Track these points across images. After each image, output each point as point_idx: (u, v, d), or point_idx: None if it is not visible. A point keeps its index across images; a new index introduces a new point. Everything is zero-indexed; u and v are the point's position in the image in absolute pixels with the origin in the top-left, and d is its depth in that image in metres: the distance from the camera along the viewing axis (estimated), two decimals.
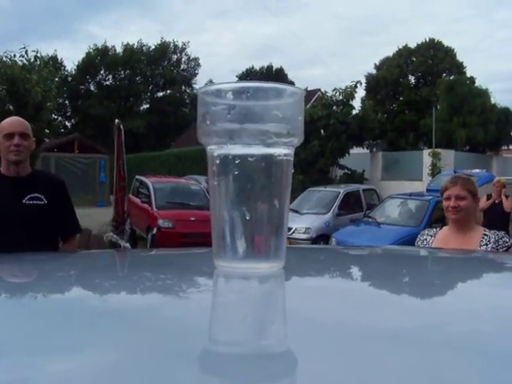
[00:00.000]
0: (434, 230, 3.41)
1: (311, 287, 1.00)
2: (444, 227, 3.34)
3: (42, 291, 0.97)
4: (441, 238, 3.22)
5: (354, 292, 0.97)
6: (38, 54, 17.16)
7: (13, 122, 3.16)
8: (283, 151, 0.93)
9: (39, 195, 3.09)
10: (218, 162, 0.93)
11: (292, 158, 0.96)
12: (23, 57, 16.57)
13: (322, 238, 12.42)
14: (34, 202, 3.07)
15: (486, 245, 3.04)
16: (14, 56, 16.36)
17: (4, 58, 16.22)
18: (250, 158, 0.90)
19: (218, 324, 0.75)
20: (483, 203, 9.08)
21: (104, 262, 1.43)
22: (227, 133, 0.89)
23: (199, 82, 52.13)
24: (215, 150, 0.93)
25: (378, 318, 0.76)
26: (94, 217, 15.56)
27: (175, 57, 51.97)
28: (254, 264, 0.92)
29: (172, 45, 51.33)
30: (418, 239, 3.41)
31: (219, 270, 0.96)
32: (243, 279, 0.94)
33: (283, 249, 0.95)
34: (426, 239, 3.31)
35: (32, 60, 16.80)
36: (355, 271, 1.28)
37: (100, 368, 0.55)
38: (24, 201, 3.04)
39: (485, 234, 3.13)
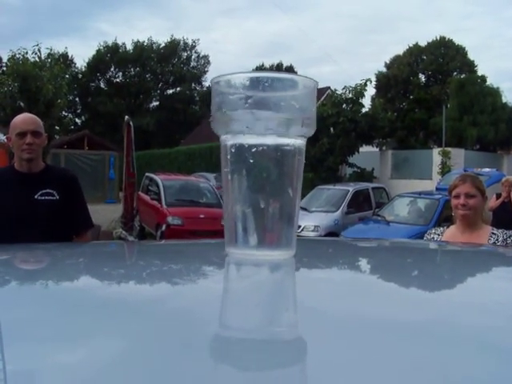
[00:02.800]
0: (442, 228, 3.40)
1: (321, 275, 1.02)
2: (451, 226, 3.33)
3: (52, 280, 0.98)
4: (448, 236, 3.21)
5: (361, 282, 0.98)
6: (51, 52, 17.25)
7: (25, 119, 3.16)
8: (296, 141, 0.94)
9: (51, 191, 3.09)
10: (231, 151, 0.94)
11: (304, 148, 0.97)
12: (36, 54, 16.65)
13: (331, 236, 12.40)
14: (46, 197, 3.07)
15: (494, 243, 3.03)
16: (27, 53, 16.44)
17: (17, 55, 16.31)
18: (263, 148, 0.91)
19: (229, 310, 0.76)
20: (493, 203, 9.03)
21: (115, 251, 1.45)
22: (241, 122, 0.90)
23: (209, 80, 51.96)
24: (229, 139, 0.94)
25: (386, 309, 0.77)
26: (103, 213, 15.61)
27: (185, 54, 51.91)
28: (266, 251, 0.94)
29: (182, 42, 51.33)
30: (424, 238, 3.41)
31: (231, 257, 0.97)
32: (255, 266, 0.96)
33: (294, 237, 0.97)
34: (433, 238, 3.30)
35: (44, 57, 16.88)
36: (363, 262, 1.30)
37: (122, 354, 0.57)
38: (36, 196, 3.05)
39: (493, 233, 3.11)
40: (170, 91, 51.66)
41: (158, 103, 50.97)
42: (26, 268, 1.15)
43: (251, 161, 0.91)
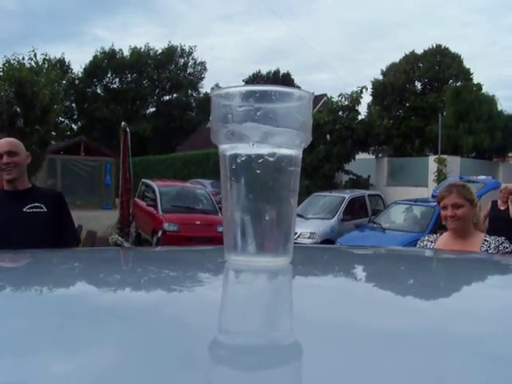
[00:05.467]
0: (435, 235, 3.41)
1: (318, 282, 1.05)
2: (444, 233, 3.34)
3: (46, 287, 0.98)
4: (441, 243, 3.22)
5: (356, 289, 1.00)
6: (47, 57, 17.24)
7: (1, 142, 3.35)
8: (293, 151, 0.97)
9: (39, 204, 3.23)
10: (230, 161, 0.97)
11: (301, 158, 1.00)
12: (32, 59, 16.64)
13: (327, 243, 12.39)
14: (35, 210, 3.20)
15: (487, 250, 3.04)
16: (23, 59, 16.43)
17: (12, 61, 16.29)
18: (260, 158, 0.94)
19: (229, 316, 0.78)
20: (485, 211, 9.02)
21: (111, 257, 1.46)
22: (239, 133, 0.93)
23: (206, 86, 52.17)
24: (227, 149, 0.97)
25: (381, 316, 0.78)
26: (99, 219, 15.60)
27: (182, 61, 52.03)
28: (264, 258, 0.97)
29: (179, 49, 51.42)
30: (418, 245, 3.43)
31: (230, 263, 1.00)
32: (254, 273, 0.99)
33: (291, 244, 1.00)
34: (426, 245, 3.31)
35: (40, 63, 16.88)
36: (358, 269, 1.31)
37: (120, 363, 0.57)
38: (25, 209, 3.18)
39: (485, 240, 3.12)
40: (167, 97, 51.73)
41: (154, 109, 51.02)
42: (20, 275, 1.13)
43: (249, 170, 0.94)
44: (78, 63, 76.86)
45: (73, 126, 49.38)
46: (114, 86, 50.61)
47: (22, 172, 3.32)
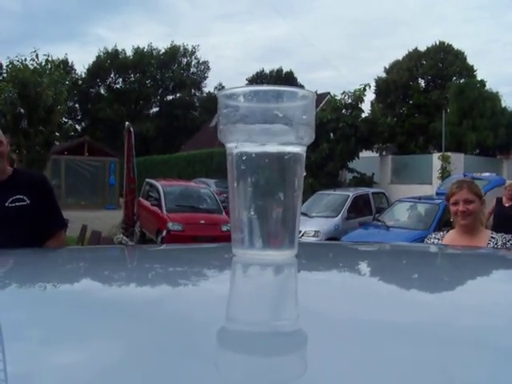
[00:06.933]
0: (441, 233, 3.41)
1: (323, 274, 1.08)
2: (451, 230, 3.35)
3: (53, 283, 1.01)
4: (448, 241, 3.23)
5: (360, 282, 1.03)
6: (49, 58, 17.27)
7: None
8: (297, 149, 1.00)
9: (21, 196, 3.09)
10: (237, 159, 1.00)
11: (304, 155, 1.04)
12: (34, 60, 16.68)
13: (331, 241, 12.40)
14: (17, 203, 3.07)
15: (494, 247, 3.04)
16: (25, 60, 16.47)
17: (15, 62, 16.34)
18: (266, 156, 0.98)
19: (239, 305, 0.82)
20: (491, 208, 9.01)
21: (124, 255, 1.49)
22: (245, 132, 0.96)
23: (209, 86, 52.28)
24: (235, 148, 1.00)
25: (385, 310, 0.79)
26: (103, 219, 15.64)
27: (185, 60, 52.05)
28: (270, 252, 1.00)
29: (182, 48, 51.43)
30: (424, 242, 3.42)
31: (238, 257, 1.03)
32: (260, 266, 1.02)
33: (296, 238, 1.03)
34: (433, 242, 3.31)
35: (43, 63, 16.91)
36: (363, 264, 1.33)
37: (125, 355, 0.58)
38: (7, 204, 3.04)
39: (492, 237, 3.14)
40: (170, 97, 51.75)
41: (157, 109, 51.07)
42: (28, 271, 1.15)
43: (255, 168, 0.98)
44: (81, 63, 76.87)
45: (76, 126, 49.44)
46: (118, 86, 50.68)
47: (4, 161, 3.14)
